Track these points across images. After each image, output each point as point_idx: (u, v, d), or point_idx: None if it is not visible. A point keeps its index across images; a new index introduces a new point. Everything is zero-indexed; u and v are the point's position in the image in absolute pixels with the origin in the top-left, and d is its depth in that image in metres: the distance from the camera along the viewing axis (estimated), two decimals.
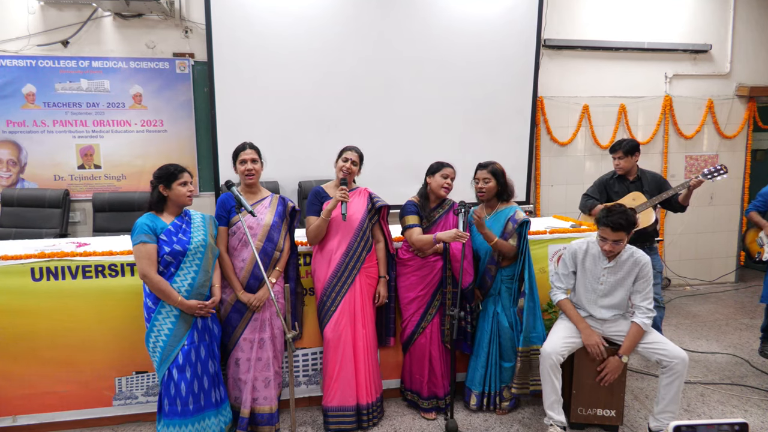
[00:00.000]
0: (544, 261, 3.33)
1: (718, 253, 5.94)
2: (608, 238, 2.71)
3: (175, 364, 2.49)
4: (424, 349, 3.03)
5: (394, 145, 4.85)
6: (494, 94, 5.03)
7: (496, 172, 3.01)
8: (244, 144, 2.84)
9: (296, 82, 4.65)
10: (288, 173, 4.66)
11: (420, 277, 3.01)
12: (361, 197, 3.01)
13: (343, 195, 2.77)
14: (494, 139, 5.06)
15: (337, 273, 2.87)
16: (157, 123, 4.60)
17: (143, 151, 4.61)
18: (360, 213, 2.94)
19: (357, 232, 2.90)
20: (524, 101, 5.12)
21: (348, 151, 2.95)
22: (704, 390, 3.40)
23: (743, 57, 5.68)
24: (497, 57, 4.99)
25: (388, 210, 3.06)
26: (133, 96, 4.55)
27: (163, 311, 2.51)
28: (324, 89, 4.71)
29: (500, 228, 2.99)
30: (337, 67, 4.71)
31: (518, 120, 5.14)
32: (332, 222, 2.88)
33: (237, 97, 4.57)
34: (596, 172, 5.47)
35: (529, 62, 5.07)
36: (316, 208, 2.91)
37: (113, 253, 2.85)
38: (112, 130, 4.56)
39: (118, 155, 4.59)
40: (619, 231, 2.68)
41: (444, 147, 4.81)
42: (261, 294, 2.77)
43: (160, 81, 4.57)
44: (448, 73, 4.92)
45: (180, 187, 2.56)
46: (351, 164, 2.92)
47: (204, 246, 2.60)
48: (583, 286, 2.92)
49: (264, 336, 2.81)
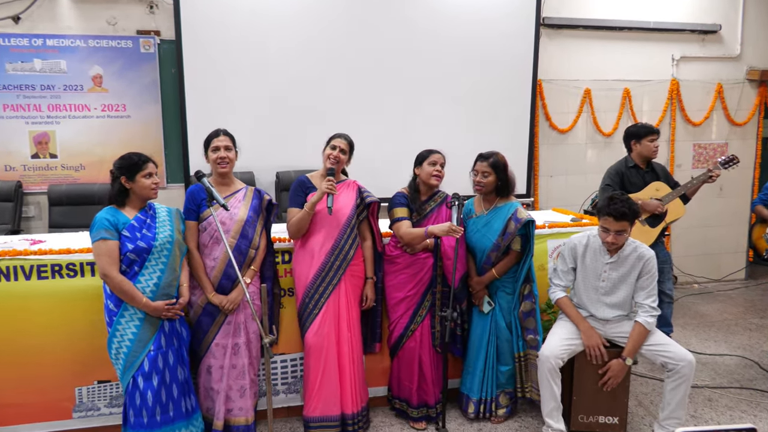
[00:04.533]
0: (543, 257, 3.34)
1: (727, 249, 6.02)
2: (611, 228, 2.73)
3: (140, 371, 2.47)
4: (414, 354, 3.03)
5: (383, 134, 4.83)
6: (491, 77, 5.02)
7: (498, 165, 2.99)
8: (217, 130, 2.83)
9: (275, 63, 4.60)
10: (265, 163, 4.62)
11: (409, 276, 3.01)
12: (349, 190, 2.99)
13: (329, 187, 2.74)
14: (491, 126, 5.06)
15: (322, 272, 2.85)
16: (119, 107, 4.55)
17: (104, 139, 4.55)
18: (348, 208, 2.92)
19: (344, 228, 2.88)
20: (523, 85, 5.12)
21: (336, 138, 2.93)
22: (712, 394, 3.45)
23: (754, 38, 5.74)
24: (493, 36, 4.98)
25: (379, 206, 3.05)
26: (92, 78, 4.49)
27: (127, 314, 2.49)
28: (305, 72, 4.66)
29: (500, 227, 2.98)
30: (320, 49, 4.67)
31: (517, 105, 5.14)
32: (317, 216, 2.85)
33: (208, 79, 4.51)
34: (598, 161, 5.50)
35: (527, 42, 5.07)
36: (299, 200, 2.88)
37: (71, 251, 2.81)
38: (70, 115, 4.50)
39: (76, 143, 4.53)
40: (622, 220, 2.69)
41: (437, 136, 4.76)
42: (234, 295, 2.76)
43: (122, 61, 4.51)
44: (440, 55, 4.90)
45: (144, 179, 2.53)
46: (339, 152, 2.89)
47: (171, 242, 2.58)
48: (584, 283, 2.94)
49: (238, 341, 2.80)
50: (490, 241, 2.99)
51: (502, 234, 2.97)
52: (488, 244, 3.00)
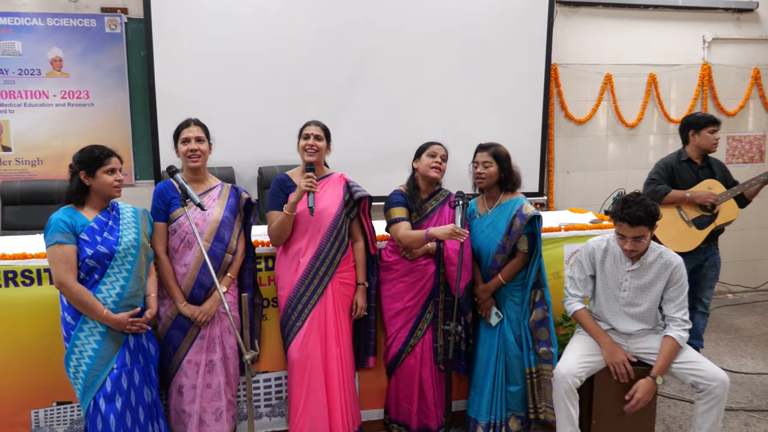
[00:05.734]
0: (559, 264, 3.34)
1: (766, 254, 6.01)
2: (627, 235, 2.72)
3: (102, 392, 2.46)
4: (414, 372, 3.03)
5: (378, 125, 4.82)
6: (499, 61, 5.02)
7: (499, 155, 3.00)
8: (187, 120, 2.84)
9: (256, 45, 4.59)
10: (246, 157, 4.62)
11: (409, 284, 3.01)
12: (335, 186, 2.98)
13: (309, 184, 2.73)
14: (500, 117, 5.06)
15: (305, 280, 2.84)
16: (81, 94, 4.56)
17: (64, 130, 4.55)
18: (334, 206, 2.91)
19: (329, 229, 2.88)
20: (535, 70, 5.12)
21: (307, 126, 2.94)
22: (749, 418, 3.44)
23: None
24: (502, 15, 4.97)
25: (371, 202, 3.03)
26: (51, 61, 4.49)
27: (86, 328, 2.47)
28: (291, 56, 4.66)
29: (504, 225, 2.97)
30: (308, 30, 4.66)
31: (528, 93, 5.14)
32: (299, 218, 2.85)
33: (182, 63, 4.51)
34: (621, 155, 5.49)
35: (540, 22, 5.07)
36: (279, 201, 2.88)
37: (27, 256, 2.81)
38: (25, 103, 4.50)
39: (33, 134, 4.53)
40: (638, 225, 2.68)
41: (438, 127, 4.77)
42: (208, 306, 2.75)
43: (84, 42, 4.51)
44: (442, 36, 4.89)
45: (106, 175, 2.52)
46: (314, 139, 2.88)
47: (136, 247, 2.57)
48: (604, 293, 2.93)
49: (213, 357, 2.78)
50: (496, 243, 2.98)
51: (507, 233, 2.96)
52: (493, 245, 2.99)
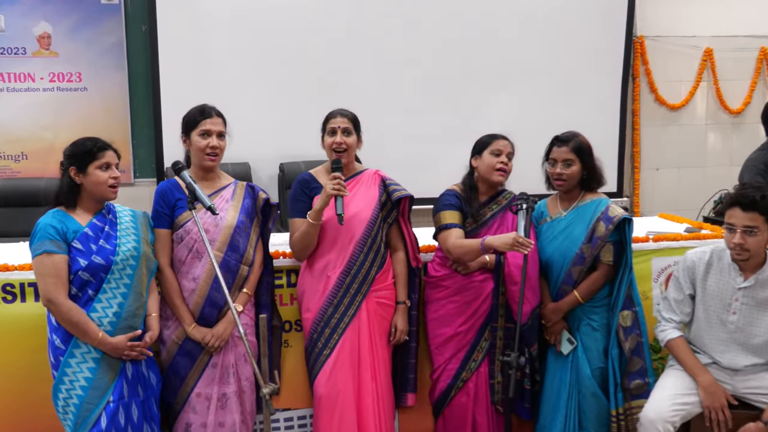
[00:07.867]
0: (647, 282, 3.32)
1: None
2: (736, 225, 2.66)
3: (96, 429, 2.47)
4: (466, 413, 3.03)
5: (420, 113, 4.87)
6: (568, 35, 5.03)
7: (582, 149, 2.98)
8: (207, 108, 2.82)
9: (278, 21, 4.66)
10: (265, 151, 4.69)
11: (461, 305, 3.00)
12: (368, 186, 2.99)
13: (336, 187, 2.73)
14: (567, 100, 5.07)
15: (334, 300, 2.86)
16: (72, 77, 4.63)
17: (53, 119, 4.64)
18: (368, 210, 2.92)
19: (362, 238, 2.89)
20: (613, 45, 5.13)
21: (333, 119, 2.93)
22: None
23: None
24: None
25: (411, 204, 3.04)
26: (37, 38, 4.58)
27: (78, 353, 2.49)
28: (318, 35, 4.72)
29: (583, 231, 2.95)
30: (338, 4, 4.73)
31: (604, 72, 5.15)
32: (326, 226, 2.86)
33: (190, 41, 4.58)
34: (724, 148, 5.41)
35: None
36: (303, 206, 2.90)
37: (10, 267, 2.85)
38: (8, 87, 4.58)
39: (16, 125, 4.62)
40: (751, 211, 2.62)
41: (495, 114, 4.80)
42: (222, 328, 2.76)
43: (77, 16, 4.58)
44: (497, 10, 4.92)
45: (99, 172, 2.54)
46: (342, 134, 2.89)
47: (136, 257, 2.60)
48: (705, 317, 2.89)
49: (227, 390, 2.80)
50: (572, 252, 2.96)
51: (588, 240, 2.93)
52: (569, 255, 2.97)
